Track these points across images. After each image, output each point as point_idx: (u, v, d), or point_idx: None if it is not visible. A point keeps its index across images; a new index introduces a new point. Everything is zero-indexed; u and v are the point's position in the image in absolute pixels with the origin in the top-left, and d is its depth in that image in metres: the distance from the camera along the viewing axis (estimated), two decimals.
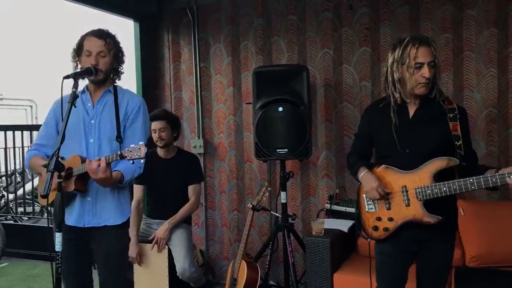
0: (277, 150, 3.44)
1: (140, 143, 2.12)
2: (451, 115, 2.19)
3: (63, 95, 2.24)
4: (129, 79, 4.58)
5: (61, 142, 2.12)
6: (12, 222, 6.27)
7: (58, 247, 2.13)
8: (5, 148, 6.04)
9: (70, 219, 2.45)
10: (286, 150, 3.43)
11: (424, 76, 2.15)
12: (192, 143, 4.37)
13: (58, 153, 2.09)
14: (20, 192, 6.71)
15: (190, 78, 4.41)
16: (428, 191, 2.15)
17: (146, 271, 3.54)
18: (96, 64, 2.37)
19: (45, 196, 2.02)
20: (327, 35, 3.88)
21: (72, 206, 2.45)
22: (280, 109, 3.41)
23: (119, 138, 2.40)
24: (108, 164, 2.20)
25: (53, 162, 2.06)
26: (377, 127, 2.35)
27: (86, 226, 2.44)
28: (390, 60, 2.24)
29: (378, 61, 3.72)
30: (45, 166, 2.11)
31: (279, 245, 3.84)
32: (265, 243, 3.75)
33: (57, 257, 2.13)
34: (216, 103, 4.34)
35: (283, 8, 4.01)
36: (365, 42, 3.77)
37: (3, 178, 6.48)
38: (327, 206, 3.68)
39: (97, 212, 2.44)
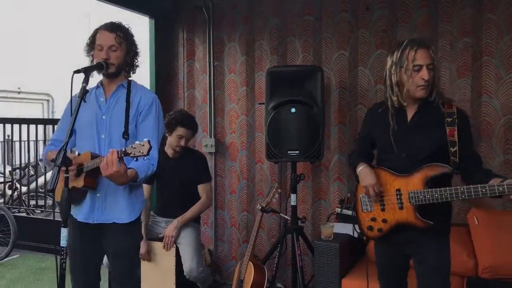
0: (289, 152, 3.39)
1: (145, 139, 2.06)
2: (449, 119, 2.19)
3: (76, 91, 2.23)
4: (142, 76, 4.59)
5: (69, 137, 2.12)
6: (24, 214, 6.32)
7: (63, 242, 2.12)
8: (20, 141, 6.09)
9: (80, 215, 2.44)
10: (298, 152, 3.38)
11: (423, 78, 2.15)
12: (204, 142, 4.34)
13: (65, 147, 2.08)
14: (33, 185, 6.77)
15: (204, 76, 4.38)
16: (421, 196, 2.17)
17: (153, 269, 3.52)
18: (108, 58, 2.35)
19: (52, 191, 2.01)
20: (344, 37, 3.83)
21: (83, 202, 2.44)
22: (293, 110, 3.37)
23: (126, 135, 2.37)
24: (120, 159, 2.14)
25: (60, 156, 2.05)
26: (377, 131, 2.38)
27: (95, 222, 2.42)
28: (388, 64, 2.25)
29: None
30: (53, 160, 2.09)
31: (287, 248, 3.80)
32: (274, 245, 3.71)
33: (62, 252, 2.11)
34: (229, 103, 4.30)
35: (300, 8, 3.97)
36: (382, 44, 3.70)
37: (17, 171, 6.53)
38: (338, 210, 3.62)
39: (106, 208, 2.42)
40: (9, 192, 6.47)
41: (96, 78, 2.44)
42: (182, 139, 3.47)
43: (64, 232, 2.11)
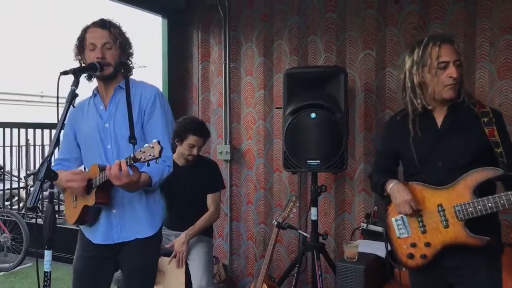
0: (308, 162, 3.10)
1: (154, 141, 1.84)
2: (485, 119, 1.93)
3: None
4: (155, 79, 4.39)
5: (55, 147, 1.88)
6: (41, 222, 6.18)
7: (47, 267, 1.88)
8: (34, 146, 5.95)
9: (97, 236, 2.20)
10: (319, 161, 3.08)
11: (451, 76, 1.91)
12: (219, 149, 4.08)
13: (50, 159, 1.84)
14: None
15: (219, 79, 4.13)
16: (470, 209, 1.86)
17: (161, 286, 3.26)
18: (103, 57, 2.11)
19: (32, 209, 1.77)
20: (370, 35, 3.52)
21: (98, 222, 2.20)
22: (313, 115, 3.08)
23: (133, 139, 2.12)
24: (132, 167, 1.92)
25: (43, 169, 1.81)
26: (401, 142, 2.08)
27: (115, 242, 2.18)
28: (408, 64, 2.01)
29: None
30: (35, 174, 1.85)
31: (307, 265, 3.50)
32: (292, 262, 3.42)
33: (45, 278, 1.87)
34: (245, 107, 4.03)
35: (322, 5, 3.67)
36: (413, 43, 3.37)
37: (32, 176, 6.39)
38: (363, 225, 3.31)
39: (126, 225, 2.18)
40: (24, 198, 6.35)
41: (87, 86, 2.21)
42: (194, 148, 3.22)
43: (48, 255, 1.87)
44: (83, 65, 2.17)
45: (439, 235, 1.94)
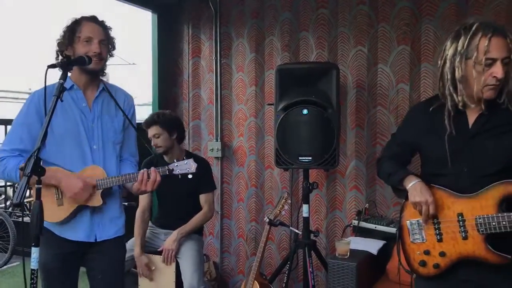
0: (300, 158, 3.07)
1: (189, 159, 2.21)
2: None
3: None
4: (145, 75, 4.33)
5: (42, 141, 1.82)
6: (28, 220, 6.08)
7: (34, 264, 1.84)
8: None
9: (78, 234, 2.19)
10: (310, 158, 3.05)
11: (495, 76, 1.67)
12: (209, 146, 4.04)
13: (37, 153, 1.79)
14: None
15: (210, 75, 4.08)
16: (493, 223, 1.70)
17: (151, 285, 3.22)
18: (100, 52, 2.12)
19: (18, 205, 1.73)
20: (362, 31, 3.48)
21: (80, 220, 2.19)
22: (305, 111, 3.05)
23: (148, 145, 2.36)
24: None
25: (30, 164, 1.76)
26: (426, 136, 1.89)
27: (98, 240, 2.21)
28: (450, 52, 1.75)
29: (418, 61, 3.30)
30: (22, 169, 1.80)
31: (299, 262, 3.48)
32: (284, 260, 3.39)
33: (32, 276, 1.83)
34: (236, 103, 3.99)
35: (313, 0, 3.63)
36: (404, 39, 3.35)
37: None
38: (355, 222, 3.29)
39: (106, 223, 2.24)
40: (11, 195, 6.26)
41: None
42: (152, 140, 3.23)
43: (35, 252, 1.83)
44: (60, 59, 2.11)
45: (456, 246, 1.79)
